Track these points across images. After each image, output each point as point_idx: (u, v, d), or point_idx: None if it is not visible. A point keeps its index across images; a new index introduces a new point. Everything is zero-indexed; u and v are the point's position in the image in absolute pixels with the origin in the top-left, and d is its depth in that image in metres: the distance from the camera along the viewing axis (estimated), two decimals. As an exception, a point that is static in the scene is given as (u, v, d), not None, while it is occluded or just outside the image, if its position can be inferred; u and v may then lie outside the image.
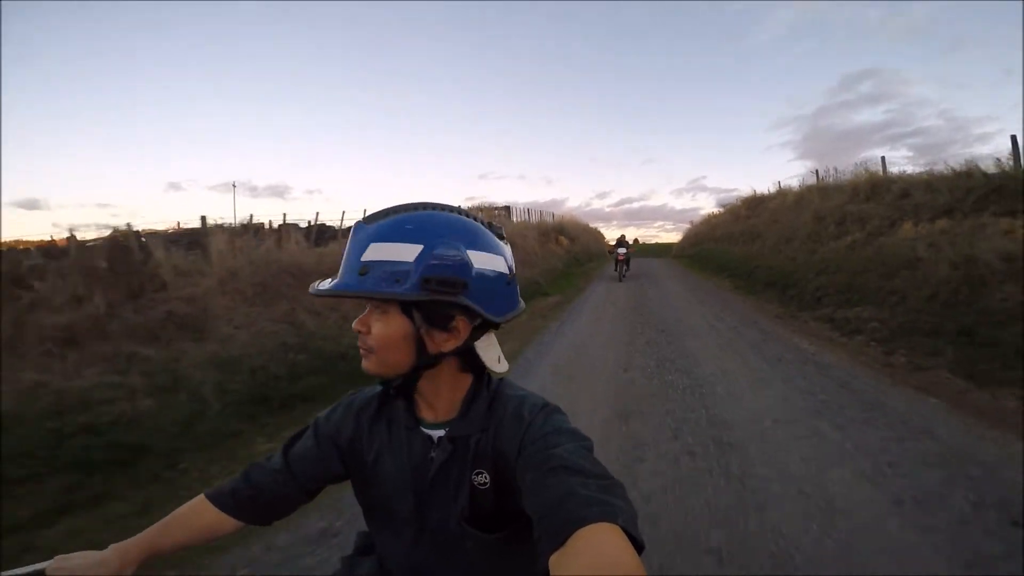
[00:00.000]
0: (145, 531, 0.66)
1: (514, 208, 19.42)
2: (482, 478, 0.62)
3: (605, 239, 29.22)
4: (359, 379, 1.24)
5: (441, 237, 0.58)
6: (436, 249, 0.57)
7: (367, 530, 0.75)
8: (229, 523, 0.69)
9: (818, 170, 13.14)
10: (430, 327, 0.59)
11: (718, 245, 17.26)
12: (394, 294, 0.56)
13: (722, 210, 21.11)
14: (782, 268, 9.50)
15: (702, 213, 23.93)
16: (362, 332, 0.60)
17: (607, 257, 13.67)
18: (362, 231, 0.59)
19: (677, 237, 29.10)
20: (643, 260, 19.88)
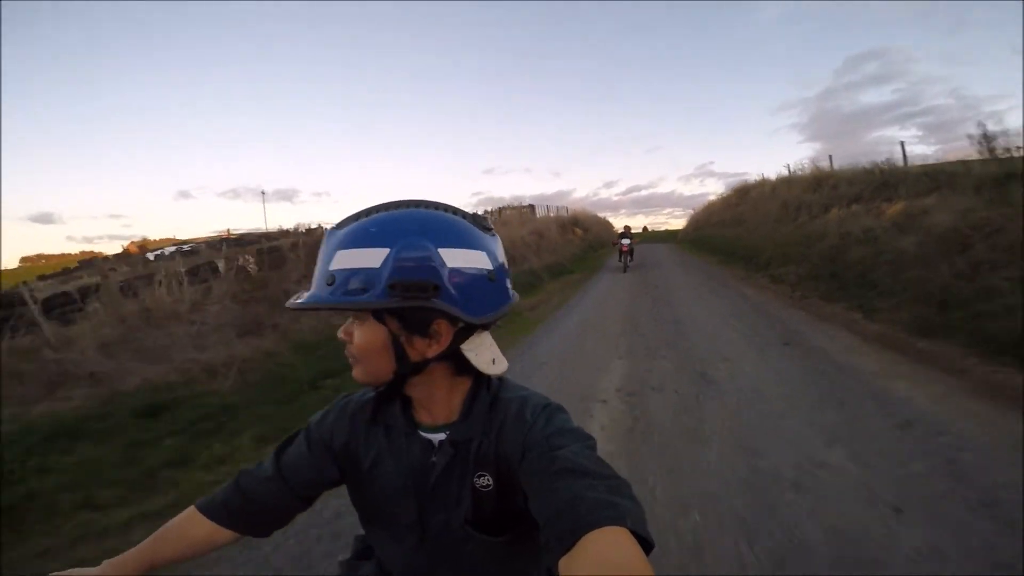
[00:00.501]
0: (139, 545, 0.64)
1: (537, 205, 22.32)
2: (484, 480, 0.61)
3: (614, 228, 31.47)
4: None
5: (407, 237, 0.55)
6: (402, 252, 0.54)
7: (364, 534, 0.74)
8: (223, 534, 0.67)
9: (831, 156, 13.25)
10: (409, 333, 0.57)
11: (714, 230, 19.93)
12: (360, 303, 0.54)
13: (717, 198, 23.78)
14: (754, 245, 12.24)
15: (710, 199, 26.35)
16: (347, 341, 0.59)
17: (614, 248, 14.54)
18: (333, 238, 0.57)
19: (685, 224, 31.25)
20: (649, 245, 22.62)
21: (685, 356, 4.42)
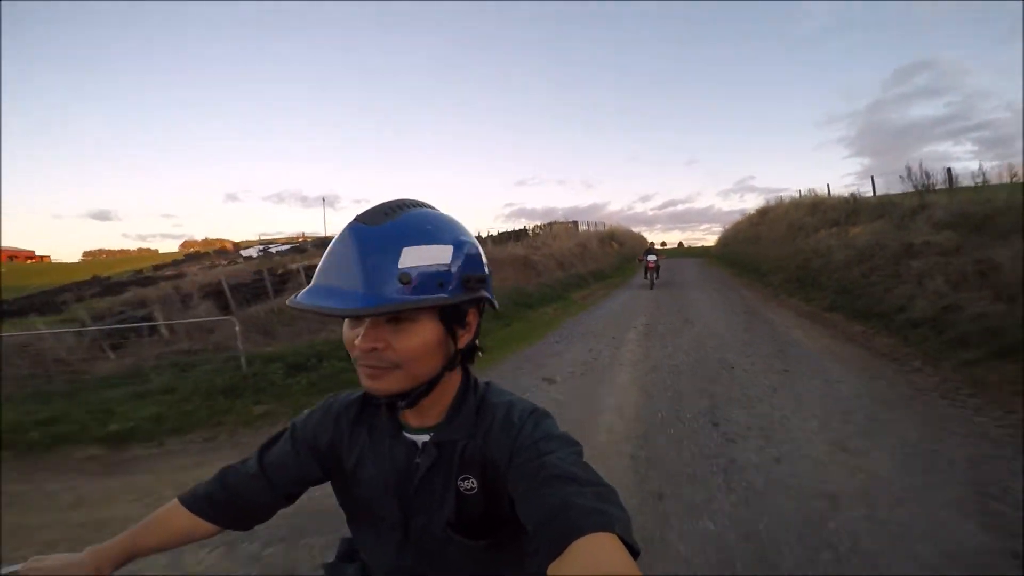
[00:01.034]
0: (121, 534, 0.66)
1: (578, 221, 25.51)
2: (469, 483, 0.61)
3: (648, 243, 33.87)
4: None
5: (456, 233, 0.58)
6: (463, 247, 0.57)
7: (350, 536, 0.75)
8: (206, 527, 0.68)
9: (873, 177, 14.12)
10: (456, 326, 0.59)
11: (739, 247, 22.39)
12: (444, 299, 0.55)
13: (743, 217, 26.17)
14: (763, 259, 14.92)
15: (739, 218, 28.67)
16: (378, 349, 0.55)
17: (639, 264, 14.68)
18: (373, 233, 0.54)
19: (716, 240, 33.23)
20: (679, 260, 25.28)
21: (682, 318, 7.52)
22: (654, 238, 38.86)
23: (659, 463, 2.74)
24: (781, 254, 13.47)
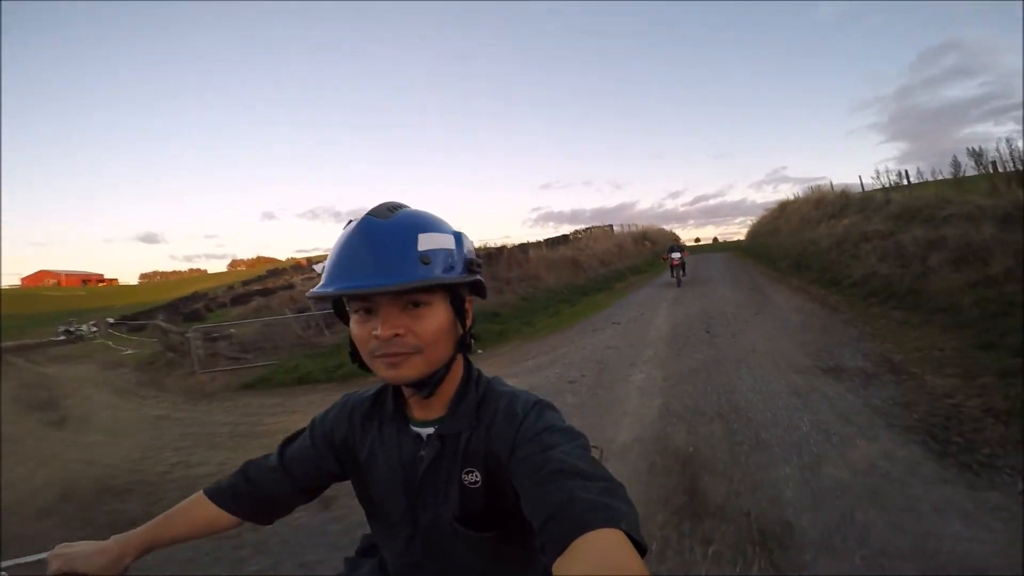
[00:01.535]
0: (146, 524, 0.69)
1: (613, 224, 28.35)
2: (472, 477, 0.62)
3: (680, 240, 35.98)
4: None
5: (450, 226, 0.64)
6: (460, 236, 0.63)
7: (371, 532, 0.76)
8: (227, 519, 0.72)
9: (906, 170, 15.74)
10: (460, 310, 0.63)
11: (763, 239, 24.58)
12: (458, 278, 0.60)
13: (767, 212, 28.19)
14: (778, 249, 17.36)
15: (765, 211, 30.59)
16: (400, 334, 0.58)
17: (664, 263, 14.82)
18: (388, 224, 0.58)
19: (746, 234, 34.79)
20: (708, 253, 27.63)
21: (699, 293, 10.45)
22: (687, 234, 40.57)
23: (678, 341, 5.85)
24: (791, 243, 15.98)
